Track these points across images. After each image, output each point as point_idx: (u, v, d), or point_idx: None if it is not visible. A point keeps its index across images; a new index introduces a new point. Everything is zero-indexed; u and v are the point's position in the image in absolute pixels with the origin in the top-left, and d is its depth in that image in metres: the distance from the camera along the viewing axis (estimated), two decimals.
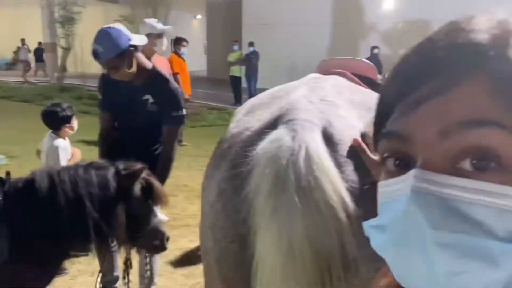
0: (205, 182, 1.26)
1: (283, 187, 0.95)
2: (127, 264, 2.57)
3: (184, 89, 7.57)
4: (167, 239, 2.41)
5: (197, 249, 4.10)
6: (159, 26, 4.26)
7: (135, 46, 2.54)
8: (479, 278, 0.39)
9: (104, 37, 2.45)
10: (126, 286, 2.68)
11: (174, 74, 7.59)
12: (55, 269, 2.27)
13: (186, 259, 3.86)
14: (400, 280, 0.45)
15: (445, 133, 0.39)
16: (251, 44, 13.07)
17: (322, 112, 1.10)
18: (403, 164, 0.43)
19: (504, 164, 0.38)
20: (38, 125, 3.71)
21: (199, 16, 30.23)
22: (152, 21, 4.36)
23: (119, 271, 3.13)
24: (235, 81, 13.64)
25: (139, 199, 2.22)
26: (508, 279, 0.39)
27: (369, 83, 1.58)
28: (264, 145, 1.02)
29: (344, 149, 1.06)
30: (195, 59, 27.20)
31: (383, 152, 0.45)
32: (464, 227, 0.38)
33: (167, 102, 2.60)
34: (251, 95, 13.26)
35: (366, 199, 0.96)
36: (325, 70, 1.61)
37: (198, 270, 3.65)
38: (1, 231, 1.96)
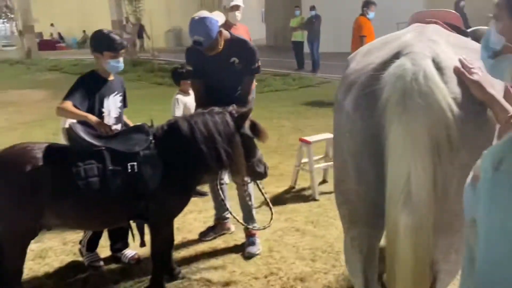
0: (337, 105, 1.75)
1: (410, 95, 1.42)
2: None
3: None
4: (267, 168, 2.94)
5: (283, 192, 4.66)
6: (234, 1, 4.69)
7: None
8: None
9: (202, 27, 2.95)
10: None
11: (361, 37, 7.72)
12: (192, 193, 2.87)
13: (276, 201, 4.39)
14: None
15: None
16: (312, 8, 13.18)
17: (429, 47, 1.56)
18: None
19: None
20: (134, 96, 4.33)
21: None
22: None
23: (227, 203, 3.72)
24: (298, 46, 13.86)
25: (248, 135, 2.76)
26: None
27: (456, 30, 1.99)
28: (391, 70, 1.49)
29: (448, 72, 1.51)
30: (253, 27, 27.59)
31: None
32: None
33: (248, 58, 3.20)
34: (313, 60, 13.47)
35: (467, 103, 1.41)
36: (419, 20, 2.02)
37: (286, 209, 4.20)
38: (157, 163, 2.56)
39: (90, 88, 2.85)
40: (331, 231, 3.72)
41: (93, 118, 2.73)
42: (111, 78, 2.98)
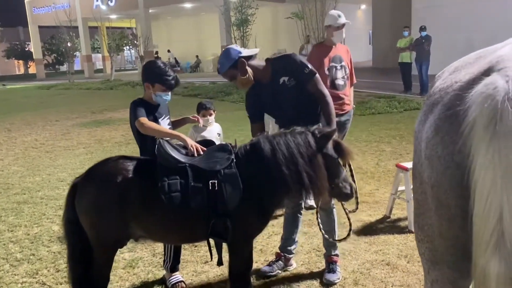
0: (418, 126, 1.53)
1: (501, 117, 1.17)
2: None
3: None
4: (354, 188, 2.75)
5: (376, 221, 4.35)
6: (340, 19, 4.51)
7: (247, 57, 3.01)
8: None
9: (220, 56, 3.09)
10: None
11: None
12: (270, 216, 2.78)
13: (367, 230, 4.13)
14: None
15: None
16: (423, 28, 12.50)
17: None
18: None
19: None
20: (236, 117, 4.42)
21: (363, 7, 29.92)
22: (334, 13, 4.64)
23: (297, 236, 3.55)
24: (405, 67, 13.22)
25: (331, 155, 2.61)
26: None
27: None
28: (479, 88, 1.24)
29: None
30: (361, 49, 27.09)
31: None
32: None
33: (295, 67, 3.04)
34: (422, 82, 12.71)
35: None
36: None
37: (378, 240, 3.90)
38: (237, 182, 2.53)
39: (145, 112, 2.95)
40: None
41: (186, 138, 2.80)
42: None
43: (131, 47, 34.27)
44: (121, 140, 8.91)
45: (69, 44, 29.68)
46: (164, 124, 3.09)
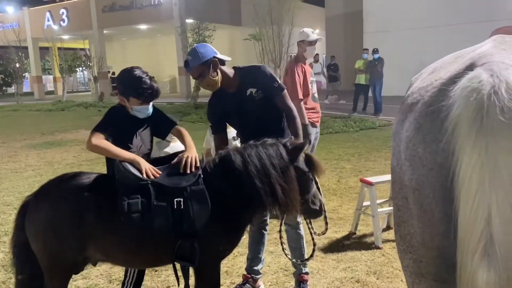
0: (397, 126, 1.46)
1: (488, 112, 1.11)
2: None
3: None
4: (324, 205, 2.63)
5: (342, 238, 4.29)
6: (313, 35, 4.57)
7: (221, 60, 2.87)
8: None
9: (193, 50, 2.87)
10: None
11: None
12: (241, 234, 2.63)
13: (334, 247, 4.06)
14: None
15: None
16: (375, 51, 12.94)
17: None
18: None
19: None
20: (196, 136, 4.24)
21: (317, 31, 30.72)
22: (308, 30, 4.68)
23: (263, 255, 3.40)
24: (361, 89, 13.56)
25: (303, 169, 2.50)
26: None
27: None
28: (463, 83, 1.19)
29: None
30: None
31: None
32: None
33: (265, 79, 2.94)
34: (376, 102, 13.09)
35: None
36: (502, 33, 1.72)
37: (345, 257, 3.84)
38: (205, 199, 2.36)
39: (119, 122, 2.62)
40: (397, 283, 3.31)
41: (141, 161, 2.46)
42: None
43: (84, 68, 33.38)
44: (73, 162, 8.48)
45: (17, 65, 28.49)
46: (146, 135, 2.74)
